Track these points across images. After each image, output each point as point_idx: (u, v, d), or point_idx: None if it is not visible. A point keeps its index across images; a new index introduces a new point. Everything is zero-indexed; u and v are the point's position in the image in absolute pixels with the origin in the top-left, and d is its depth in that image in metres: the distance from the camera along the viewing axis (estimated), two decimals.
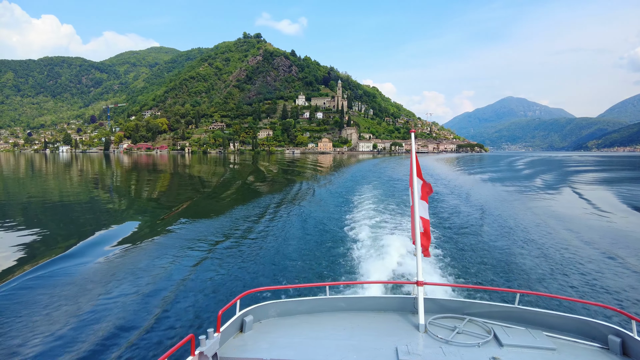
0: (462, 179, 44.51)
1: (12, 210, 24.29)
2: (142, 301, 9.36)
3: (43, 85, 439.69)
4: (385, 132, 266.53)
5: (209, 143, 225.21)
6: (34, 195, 32.53)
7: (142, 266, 12.18)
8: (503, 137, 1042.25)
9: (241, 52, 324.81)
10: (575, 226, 17.88)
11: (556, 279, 10.80)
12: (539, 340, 4.19)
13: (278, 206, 24.29)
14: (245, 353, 4.11)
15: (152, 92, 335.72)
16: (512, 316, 4.74)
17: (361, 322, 4.80)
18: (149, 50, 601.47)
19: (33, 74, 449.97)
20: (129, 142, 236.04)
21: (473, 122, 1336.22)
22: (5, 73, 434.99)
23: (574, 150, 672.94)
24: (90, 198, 30.48)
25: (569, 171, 65.41)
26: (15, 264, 12.75)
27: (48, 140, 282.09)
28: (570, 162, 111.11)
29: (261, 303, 4.94)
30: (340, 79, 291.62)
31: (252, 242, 15.09)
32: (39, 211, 23.70)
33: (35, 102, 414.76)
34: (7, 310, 8.89)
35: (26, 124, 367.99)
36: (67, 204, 27.28)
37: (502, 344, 4.11)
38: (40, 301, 9.43)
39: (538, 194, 30.99)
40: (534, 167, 76.32)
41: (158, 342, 7.37)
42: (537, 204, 25.13)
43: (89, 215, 22.44)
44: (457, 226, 17.56)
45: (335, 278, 10.74)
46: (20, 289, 10.32)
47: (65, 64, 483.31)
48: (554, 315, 4.62)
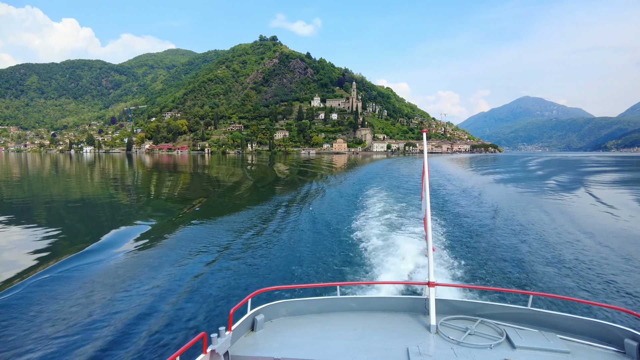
0: (473, 180, 44.06)
1: (38, 208, 25.25)
2: (156, 298, 9.54)
3: (65, 88, 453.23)
4: (399, 132, 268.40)
5: (227, 144, 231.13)
6: (59, 194, 33.66)
7: (157, 264, 12.43)
8: (519, 137, 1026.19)
9: (257, 55, 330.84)
10: (590, 228, 17.47)
11: (570, 281, 10.63)
12: (552, 343, 4.12)
13: (290, 205, 24.74)
14: (256, 352, 4.13)
15: (170, 94, 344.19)
16: (525, 318, 4.69)
17: (372, 323, 4.81)
18: (166, 52, 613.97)
19: (56, 77, 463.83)
20: (150, 142, 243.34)
21: (489, 122, 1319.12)
22: (30, 76, 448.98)
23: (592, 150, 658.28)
24: (111, 197, 31.73)
25: (586, 172, 63.62)
26: (36, 261, 13.10)
27: (72, 141, 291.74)
28: (588, 162, 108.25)
29: (272, 302, 4.99)
30: (355, 80, 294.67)
31: (264, 241, 15.31)
32: (63, 209, 24.66)
33: (58, 104, 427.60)
34: (25, 307, 9.17)
35: (50, 125, 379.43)
36: (89, 202, 28.22)
37: (514, 346, 4.06)
38: (58, 297, 9.74)
39: (552, 195, 30.43)
40: (549, 168, 75.22)
41: (170, 339, 7.50)
42: (551, 205, 24.66)
43: (109, 213, 23.53)
44: (469, 227, 17.42)
45: (345, 278, 10.79)
46: (40, 285, 10.65)
47: (85, 66, 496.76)
48: (568, 318, 4.54)
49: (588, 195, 31.05)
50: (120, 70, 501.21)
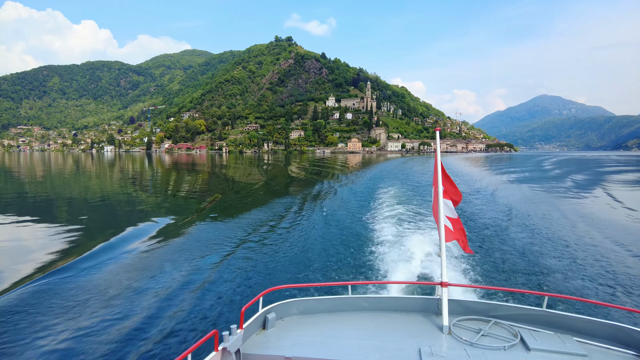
0: (487, 179, 43.78)
1: (60, 205, 26.04)
2: (169, 295, 9.67)
3: (85, 89, 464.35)
4: (413, 131, 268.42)
5: (244, 143, 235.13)
6: (81, 191, 34.64)
7: (171, 261, 12.60)
8: (536, 137, 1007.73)
9: (273, 56, 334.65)
10: (608, 229, 17.14)
11: (587, 282, 10.43)
12: (568, 345, 4.03)
13: (304, 203, 25.04)
14: (267, 350, 4.13)
15: (187, 94, 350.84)
16: (540, 320, 4.61)
17: (384, 322, 4.78)
18: (182, 53, 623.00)
19: (76, 78, 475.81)
20: (169, 142, 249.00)
21: (505, 121, 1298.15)
22: (52, 78, 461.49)
23: (612, 149, 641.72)
24: (130, 194, 32.54)
25: (604, 171, 62.28)
26: (57, 256, 13.45)
27: (93, 141, 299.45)
28: (607, 161, 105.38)
29: (284, 301, 5.00)
30: (369, 80, 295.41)
31: (276, 239, 15.44)
32: (84, 206, 25.33)
33: (79, 105, 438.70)
34: (42, 302, 9.38)
35: (71, 125, 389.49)
36: (110, 199, 29.05)
37: (529, 348, 3.99)
38: (75, 292, 9.97)
39: (568, 195, 29.92)
40: (565, 167, 74.36)
41: (182, 336, 7.60)
42: (567, 205, 24.34)
43: (128, 210, 24.39)
44: (482, 227, 17.29)
45: (357, 277, 10.76)
46: (59, 280, 10.88)
47: (105, 67, 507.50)
48: (585, 320, 4.43)
49: (606, 195, 30.40)
50: (138, 71, 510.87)
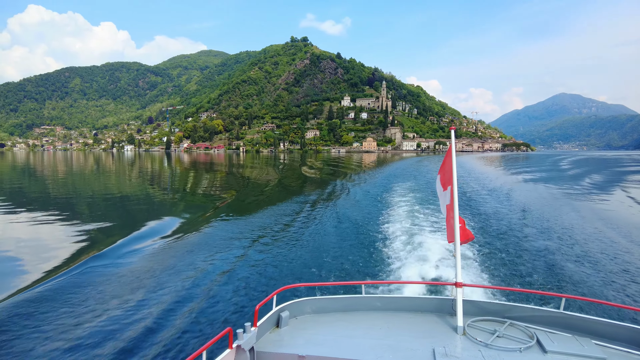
0: (502, 178, 43.32)
1: (81, 202, 26.66)
2: (184, 292, 9.74)
3: (105, 89, 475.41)
4: (429, 131, 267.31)
5: (261, 143, 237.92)
6: (102, 189, 35.55)
7: (186, 259, 12.70)
8: (554, 136, 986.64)
9: (289, 56, 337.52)
10: (627, 230, 16.85)
11: (606, 284, 10.23)
12: (587, 348, 3.89)
13: (318, 201, 25.08)
14: (281, 348, 4.14)
15: (205, 95, 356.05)
16: (557, 322, 4.53)
17: (397, 322, 4.76)
18: (199, 53, 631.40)
19: (96, 79, 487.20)
20: (188, 141, 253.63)
21: (522, 120, 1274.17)
22: (74, 79, 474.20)
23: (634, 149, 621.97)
24: (149, 192, 33.13)
25: (625, 171, 60.75)
26: (76, 252, 13.73)
27: (113, 140, 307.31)
28: (629, 161, 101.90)
29: (297, 299, 5.02)
30: (385, 79, 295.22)
31: (290, 238, 15.45)
32: (104, 204, 26.03)
33: (99, 105, 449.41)
34: (59, 298, 9.56)
35: (92, 125, 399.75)
36: (129, 197, 29.74)
37: (545, 350, 3.90)
38: (92, 288, 10.13)
39: (586, 195, 29.44)
40: (583, 167, 72.84)
41: (197, 334, 7.61)
42: (585, 206, 24.03)
43: (146, 207, 24.96)
44: (497, 227, 17.05)
45: (370, 277, 10.70)
46: (78, 275, 11.10)
47: (124, 68, 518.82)
48: (604, 323, 4.33)
49: (626, 196, 29.73)
50: (155, 72, 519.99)
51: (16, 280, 11.17)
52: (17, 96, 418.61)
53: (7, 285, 10.65)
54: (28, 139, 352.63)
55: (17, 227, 18.66)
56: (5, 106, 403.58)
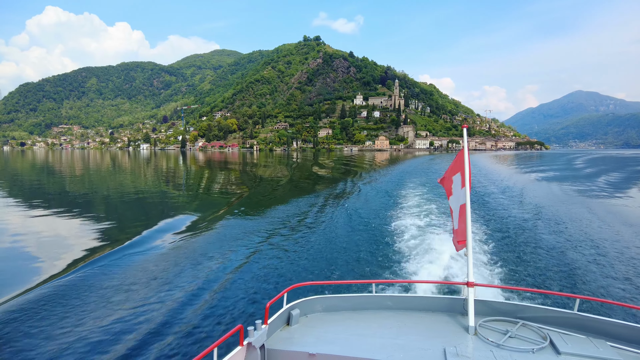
0: (514, 177, 42.85)
1: (97, 200, 27.22)
2: (195, 289, 9.81)
3: (120, 89, 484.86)
4: (442, 129, 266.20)
5: (274, 141, 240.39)
6: (119, 186, 36.20)
7: (198, 256, 12.78)
8: (570, 134, 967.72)
9: (302, 55, 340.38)
10: None
11: (622, 285, 10.09)
12: (602, 350, 3.81)
13: (328, 200, 25.16)
14: (291, 346, 4.15)
15: (218, 94, 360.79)
16: (571, 323, 4.42)
17: (408, 322, 4.72)
18: (212, 53, 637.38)
19: (112, 79, 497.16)
20: (203, 140, 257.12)
21: (537, 118, 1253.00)
22: (90, 79, 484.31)
23: None
24: (164, 190, 33.67)
25: None
26: (92, 249, 14.03)
27: (129, 139, 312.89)
28: None
29: (308, 297, 5.02)
30: (397, 77, 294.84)
31: (301, 236, 15.48)
32: (119, 201, 26.57)
33: (114, 104, 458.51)
34: (75, 293, 9.75)
35: (107, 124, 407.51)
36: (144, 194, 30.16)
37: (559, 352, 3.82)
38: (106, 284, 10.33)
39: (601, 195, 28.97)
40: (599, 165, 71.62)
41: (208, 330, 7.66)
42: (599, 205, 23.65)
43: (160, 205, 25.33)
44: (509, 225, 16.90)
45: (381, 276, 10.63)
46: (92, 271, 11.28)
47: (138, 68, 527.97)
48: (620, 325, 4.21)
49: None
50: (170, 71, 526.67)
51: (34, 275, 11.52)
52: (37, 96, 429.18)
53: (28, 280, 11.07)
54: (47, 138, 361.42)
55: (36, 222, 19.24)
56: (25, 106, 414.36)
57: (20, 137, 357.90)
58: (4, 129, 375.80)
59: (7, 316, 8.58)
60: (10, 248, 14.69)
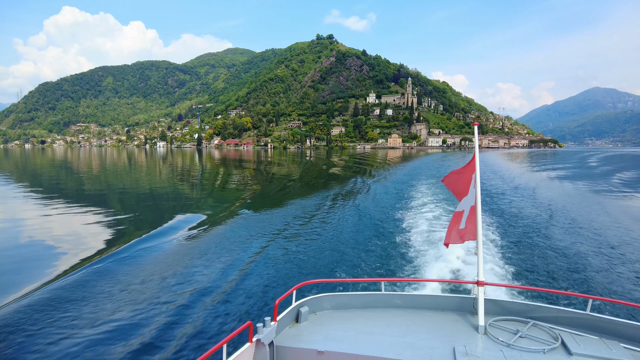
0: (526, 175, 42.65)
1: (115, 196, 27.74)
2: (206, 285, 9.87)
3: (135, 87, 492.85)
4: (455, 127, 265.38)
5: (288, 139, 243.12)
6: (138, 183, 36.99)
7: (209, 252, 12.87)
8: (586, 132, 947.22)
9: (315, 54, 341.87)
10: None
11: (636, 286, 9.96)
12: (615, 351, 3.74)
13: (339, 197, 25.32)
14: (300, 343, 4.15)
15: (232, 92, 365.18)
16: (583, 323, 4.34)
17: (417, 320, 4.70)
18: (225, 51, 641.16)
19: (127, 78, 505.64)
20: (218, 138, 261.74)
21: (552, 116, 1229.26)
22: (106, 78, 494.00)
23: None
24: (179, 187, 34.50)
25: None
26: (107, 244, 14.35)
27: (145, 137, 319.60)
28: None
29: (317, 295, 5.02)
30: (410, 75, 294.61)
31: (311, 233, 15.57)
32: (135, 197, 26.96)
33: (130, 103, 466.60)
34: (91, 286, 10.03)
35: (123, 122, 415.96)
36: (161, 190, 30.87)
37: (571, 353, 3.76)
38: (119, 279, 10.53)
39: (615, 193, 28.58)
40: (614, 164, 71.09)
41: (217, 327, 7.71)
42: (613, 204, 23.47)
43: (175, 201, 25.84)
44: (521, 224, 16.83)
45: (390, 274, 10.60)
46: (107, 267, 11.52)
47: (153, 67, 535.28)
48: (634, 326, 4.13)
49: None
50: (184, 70, 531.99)
51: (51, 269, 11.89)
52: (55, 95, 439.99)
53: (46, 273, 11.49)
54: (66, 136, 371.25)
55: (55, 217, 19.74)
56: (44, 105, 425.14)
57: (40, 135, 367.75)
58: (25, 127, 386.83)
59: (36, 302, 9.25)
60: (28, 243, 15.16)
